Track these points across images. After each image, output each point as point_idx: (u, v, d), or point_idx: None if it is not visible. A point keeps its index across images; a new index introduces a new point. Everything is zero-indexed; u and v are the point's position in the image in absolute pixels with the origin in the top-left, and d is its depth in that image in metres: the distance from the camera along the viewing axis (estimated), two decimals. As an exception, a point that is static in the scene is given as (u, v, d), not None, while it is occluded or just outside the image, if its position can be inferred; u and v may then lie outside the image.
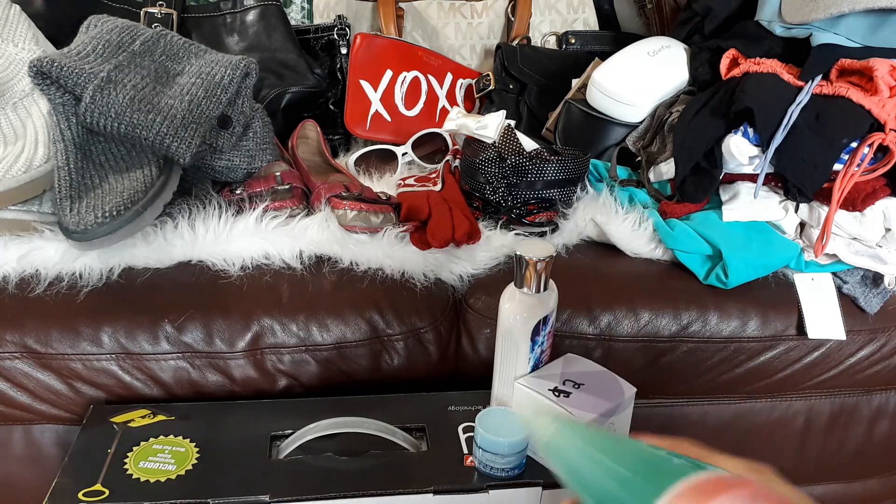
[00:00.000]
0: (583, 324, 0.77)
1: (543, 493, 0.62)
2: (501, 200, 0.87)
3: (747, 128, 0.81)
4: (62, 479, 0.60)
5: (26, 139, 0.78)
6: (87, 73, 0.74)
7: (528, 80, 1.15)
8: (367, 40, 1.09)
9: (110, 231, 0.69)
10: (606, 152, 1.00)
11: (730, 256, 0.79)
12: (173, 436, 0.65)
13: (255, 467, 0.62)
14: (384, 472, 0.62)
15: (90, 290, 0.73)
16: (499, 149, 0.88)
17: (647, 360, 0.79)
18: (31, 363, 0.71)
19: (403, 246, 0.81)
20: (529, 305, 0.62)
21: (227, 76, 0.80)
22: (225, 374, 0.74)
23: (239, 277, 0.76)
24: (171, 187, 0.77)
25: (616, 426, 0.63)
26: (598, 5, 1.30)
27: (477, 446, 0.62)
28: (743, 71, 0.87)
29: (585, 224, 0.88)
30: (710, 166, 0.83)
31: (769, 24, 0.92)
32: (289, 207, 0.82)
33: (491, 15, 1.26)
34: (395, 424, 0.66)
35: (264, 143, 0.88)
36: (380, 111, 1.09)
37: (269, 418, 0.68)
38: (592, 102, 1.01)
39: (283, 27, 1.10)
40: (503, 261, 0.83)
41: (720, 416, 0.85)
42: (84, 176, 0.74)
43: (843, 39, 0.86)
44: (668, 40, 1.04)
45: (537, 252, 0.61)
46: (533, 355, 0.64)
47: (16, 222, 0.76)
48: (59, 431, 0.76)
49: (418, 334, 0.76)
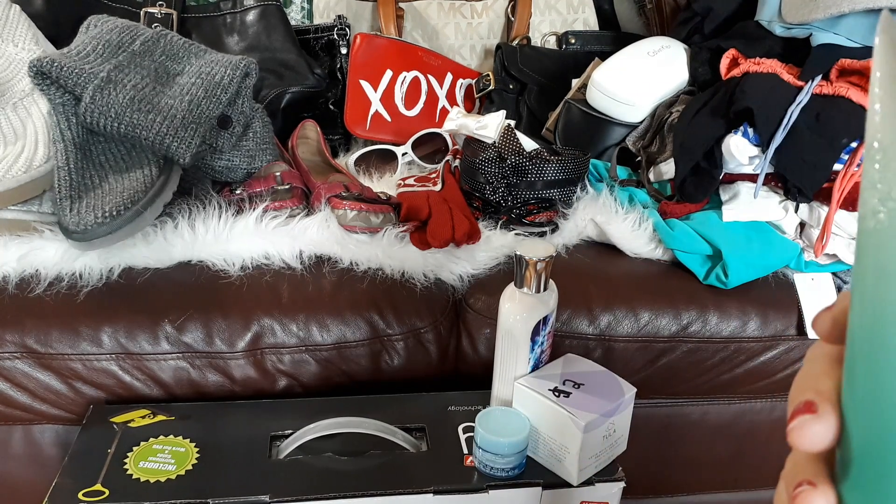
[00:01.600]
0: (583, 324, 0.77)
1: (543, 493, 0.62)
2: (501, 200, 0.87)
3: (747, 128, 0.81)
4: (62, 479, 0.60)
5: (26, 139, 0.78)
6: (87, 73, 0.74)
7: (528, 80, 1.15)
8: (367, 40, 1.09)
9: (110, 231, 0.69)
10: (606, 152, 1.00)
11: (730, 256, 0.79)
12: (173, 436, 0.65)
13: (255, 467, 0.62)
14: (384, 472, 0.62)
15: (90, 290, 0.73)
16: (499, 149, 0.88)
17: (647, 360, 0.79)
18: (31, 363, 0.71)
19: (403, 246, 0.81)
20: (529, 305, 0.62)
21: (227, 76, 0.80)
22: (225, 374, 0.74)
23: (239, 277, 0.76)
24: (171, 187, 0.77)
25: (616, 426, 0.63)
26: (598, 5, 1.30)
27: (477, 446, 0.62)
28: (743, 71, 0.87)
29: (585, 224, 0.88)
30: (710, 166, 0.83)
31: (769, 24, 0.92)
32: (289, 207, 0.82)
33: (491, 15, 1.26)
34: (395, 424, 0.66)
35: (264, 143, 0.88)
36: (380, 111, 1.09)
37: (269, 418, 0.68)
38: (592, 102, 1.01)
39: (283, 27, 1.10)
40: (503, 261, 0.83)
41: (720, 416, 0.85)
42: (84, 176, 0.74)
43: (843, 39, 0.86)
44: (668, 40, 1.04)
45: (537, 252, 0.61)
46: (533, 355, 0.64)
47: (16, 222, 0.76)
48: (59, 431, 0.76)
49: (418, 334, 0.76)
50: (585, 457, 0.61)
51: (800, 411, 0.22)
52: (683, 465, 0.88)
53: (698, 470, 0.89)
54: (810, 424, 0.22)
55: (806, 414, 0.22)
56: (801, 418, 0.22)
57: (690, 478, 0.89)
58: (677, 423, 0.85)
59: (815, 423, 0.22)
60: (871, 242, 0.21)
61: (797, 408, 0.23)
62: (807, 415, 0.22)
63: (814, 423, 0.22)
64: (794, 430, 0.22)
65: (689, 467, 0.88)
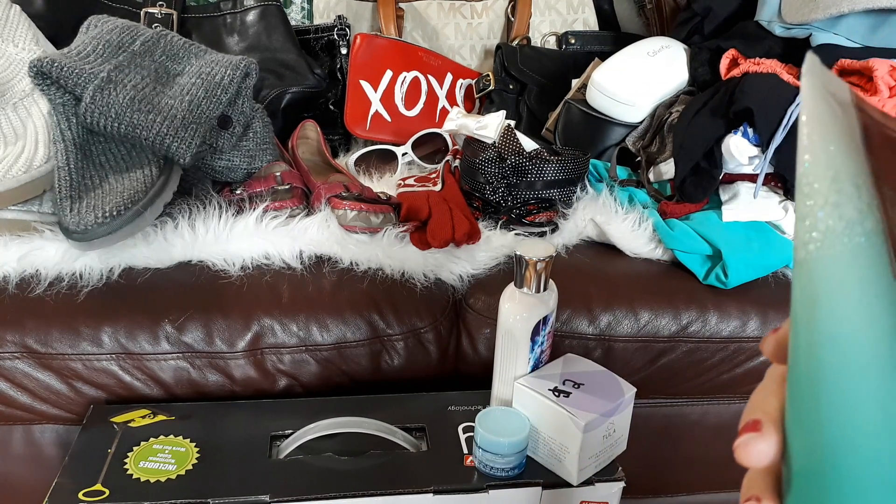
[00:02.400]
0: (583, 324, 0.77)
1: (543, 493, 0.62)
2: (501, 200, 0.87)
3: (747, 128, 0.81)
4: (62, 479, 0.60)
5: (26, 139, 0.78)
6: (88, 74, 0.74)
7: (528, 80, 1.15)
8: (367, 40, 1.09)
9: (110, 231, 0.69)
10: (606, 152, 1.00)
11: (729, 256, 0.79)
12: (173, 436, 0.65)
13: (255, 467, 0.62)
14: (384, 472, 0.62)
15: (90, 290, 0.73)
16: (499, 149, 0.88)
17: (647, 360, 0.79)
18: (31, 363, 0.71)
19: (403, 246, 0.81)
20: (529, 305, 0.62)
21: (227, 76, 0.80)
22: (225, 374, 0.74)
23: (239, 277, 0.76)
24: (172, 187, 0.77)
25: (616, 426, 0.63)
26: (598, 5, 1.30)
27: (477, 446, 0.62)
28: (743, 71, 0.88)
29: (585, 224, 0.88)
30: (709, 166, 0.83)
31: (769, 24, 0.92)
32: (289, 207, 0.82)
33: (491, 15, 1.26)
34: (395, 424, 0.66)
35: (264, 143, 0.88)
36: (380, 111, 1.09)
37: (269, 418, 0.68)
38: (592, 102, 1.01)
39: (283, 27, 1.10)
40: (503, 261, 0.83)
41: (720, 416, 0.85)
42: (84, 176, 0.74)
43: (842, 39, 0.86)
44: (668, 40, 1.04)
45: (537, 252, 0.61)
46: (533, 355, 0.64)
47: (16, 222, 0.76)
48: (59, 431, 0.76)
49: (418, 334, 0.77)
50: (585, 457, 0.61)
51: (745, 429, 0.24)
52: (683, 465, 0.88)
53: (698, 470, 0.89)
54: (754, 442, 0.23)
55: (750, 432, 0.24)
56: (746, 437, 0.24)
57: (690, 478, 0.89)
58: (677, 423, 0.85)
59: (758, 441, 0.23)
60: (802, 271, 0.22)
61: (744, 426, 0.24)
62: (751, 433, 0.24)
63: (757, 441, 0.23)
64: (738, 448, 0.24)
65: (689, 467, 0.88)
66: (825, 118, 0.22)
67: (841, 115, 0.23)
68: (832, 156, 0.22)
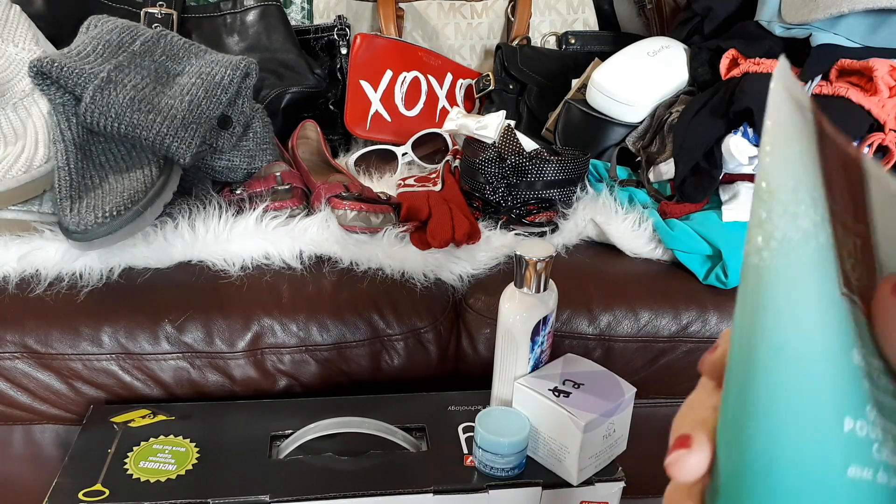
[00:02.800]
0: (583, 324, 0.77)
1: (543, 493, 0.62)
2: (501, 200, 0.87)
3: (747, 128, 0.81)
4: (62, 479, 0.60)
5: (26, 139, 0.78)
6: (88, 74, 0.74)
7: (528, 80, 1.15)
8: (367, 40, 1.09)
9: (110, 231, 0.69)
10: (606, 152, 1.00)
11: (730, 256, 0.79)
12: (173, 436, 0.65)
13: (255, 467, 0.62)
14: (384, 472, 0.62)
15: (90, 290, 0.73)
16: (499, 149, 0.88)
17: (647, 360, 0.79)
18: (31, 363, 0.71)
19: (403, 246, 0.81)
20: (529, 305, 0.62)
21: (227, 76, 0.80)
22: (225, 374, 0.74)
23: (239, 277, 0.76)
24: (172, 187, 0.77)
25: (616, 426, 0.63)
26: (598, 5, 1.30)
27: (477, 446, 0.62)
28: (743, 71, 0.88)
29: (585, 224, 0.88)
30: (709, 166, 0.83)
31: (769, 24, 0.92)
32: (289, 207, 0.82)
33: (491, 15, 1.26)
34: (395, 424, 0.66)
35: (264, 143, 0.88)
36: (380, 111, 1.09)
37: (269, 418, 0.68)
38: (592, 102, 1.01)
39: (283, 27, 1.10)
40: (503, 261, 0.83)
41: (720, 416, 0.85)
42: (84, 176, 0.74)
43: (842, 39, 0.86)
44: (668, 40, 1.04)
45: (537, 252, 0.61)
46: (533, 355, 0.64)
47: (16, 222, 0.76)
48: (59, 431, 0.76)
49: (418, 334, 0.77)
50: (585, 457, 0.61)
51: (676, 446, 0.24)
52: (683, 465, 0.88)
53: (698, 470, 0.89)
54: (685, 458, 0.23)
55: (681, 448, 0.24)
56: (677, 454, 0.24)
57: (690, 478, 0.89)
58: (677, 423, 0.85)
59: (689, 456, 0.23)
60: (752, 278, 0.22)
61: (674, 443, 0.24)
62: (681, 449, 0.24)
63: (688, 456, 0.23)
64: (670, 466, 0.24)
65: (688, 467, 0.88)
66: (789, 127, 0.22)
67: (802, 126, 0.22)
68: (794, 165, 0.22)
